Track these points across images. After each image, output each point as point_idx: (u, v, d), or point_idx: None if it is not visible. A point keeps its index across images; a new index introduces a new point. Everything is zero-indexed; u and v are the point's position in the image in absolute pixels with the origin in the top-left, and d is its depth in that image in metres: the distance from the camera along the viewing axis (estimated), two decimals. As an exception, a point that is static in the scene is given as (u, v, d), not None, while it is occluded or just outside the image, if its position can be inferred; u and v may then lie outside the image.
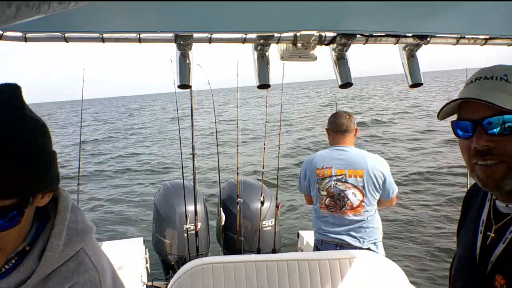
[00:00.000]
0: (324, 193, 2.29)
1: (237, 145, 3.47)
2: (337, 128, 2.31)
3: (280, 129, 3.71)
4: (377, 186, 2.22)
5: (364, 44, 1.44)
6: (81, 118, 3.84)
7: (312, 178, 2.34)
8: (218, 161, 3.66)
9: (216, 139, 3.79)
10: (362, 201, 2.23)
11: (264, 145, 3.57)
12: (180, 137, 3.37)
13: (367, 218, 2.24)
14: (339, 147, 2.30)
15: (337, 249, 2.25)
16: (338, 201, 2.26)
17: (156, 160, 10.63)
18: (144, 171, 9.34)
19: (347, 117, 2.32)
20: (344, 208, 2.25)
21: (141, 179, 8.53)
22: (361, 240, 2.23)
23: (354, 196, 2.23)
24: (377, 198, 2.25)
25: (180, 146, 3.38)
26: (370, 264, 1.72)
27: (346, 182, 2.23)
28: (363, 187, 2.21)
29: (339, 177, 2.25)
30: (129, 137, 17.00)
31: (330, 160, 2.28)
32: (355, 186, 2.22)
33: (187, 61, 1.45)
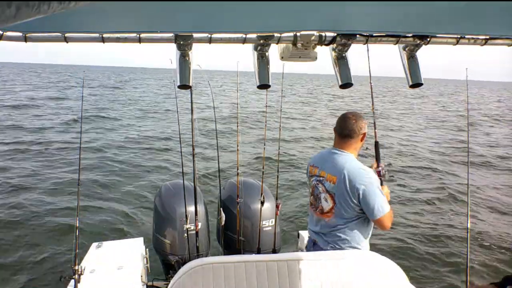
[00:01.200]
0: (310, 190, 2.30)
1: (237, 146, 3.47)
2: (340, 131, 2.19)
3: (280, 129, 3.71)
4: (350, 199, 2.04)
5: (364, 44, 1.44)
6: (81, 122, 3.84)
7: (307, 174, 2.38)
8: (218, 161, 3.66)
9: (216, 139, 3.79)
10: (332, 208, 2.12)
11: (264, 145, 3.58)
12: (180, 137, 3.37)
13: (337, 227, 2.12)
14: (335, 150, 2.20)
15: (314, 246, 2.26)
16: (315, 201, 2.23)
17: (156, 159, 10.62)
18: (144, 171, 9.33)
19: (354, 120, 2.16)
20: (317, 210, 2.22)
21: (141, 179, 8.52)
22: (332, 245, 2.14)
23: (325, 201, 2.15)
24: (354, 211, 2.08)
25: (180, 146, 3.38)
26: (371, 264, 1.72)
27: (323, 185, 2.16)
28: (335, 194, 2.09)
29: (320, 178, 2.19)
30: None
31: (321, 160, 2.25)
32: (328, 191, 2.13)
33: (187, 61, 1.45)
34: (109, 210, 6.57)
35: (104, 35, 1.27)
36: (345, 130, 2.16)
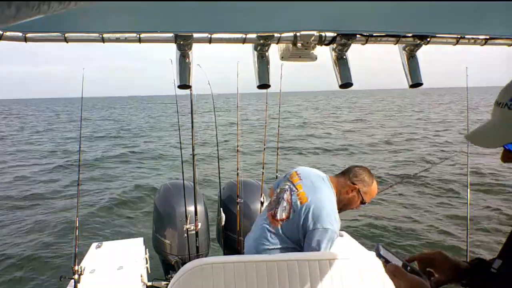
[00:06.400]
0: (278, 190, 2.12)
1: (237, 146, 3.47)
2: (344, 168, 2.10)
3: (278, 129, 3.71)
4: (299, 229, 1.88)
5: (364, 44, 1.44)
6: (81, 119, 3.84)
7: (287, 174, 2.19)
8: (218, 161, 3.67)
9: (216, 139, 3.79)
10: (284, 220, 1.94)
11: (264, 145, 3.58)
12: (180, 137, 3.37)
13: (279, 238, 1.95)
14: (324, 176, 2.07)
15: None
16: (275, 204, 2.05)
17: (157, 160, 10.64)
18: (144, 171, 9.34)
19: (358, 168, 2.05)
20: (271, 210, 2.04)
21: (141, 179, 8.53)
22: (253, 249, 2.03)
23: (283, 211, 1.97)
24: (296, 242, 1.92)
25: (180, 146, 3.38)
26: (371, 264, 1.72)
27: (291, 196, 1.98)
28: (293, 213, 1.92)
29: (294, 188, 2.01)
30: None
31: (306, 174, 2.08)
32: (291, 204, 1.95)
33: (187, 61, 1.45)
34: (109, 210, 6.58)
35: (104, 35, 1.27)
36: (346, 168, 2.07)
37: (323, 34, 1.38)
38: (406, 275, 0.92)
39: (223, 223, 3.22)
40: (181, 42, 1.35)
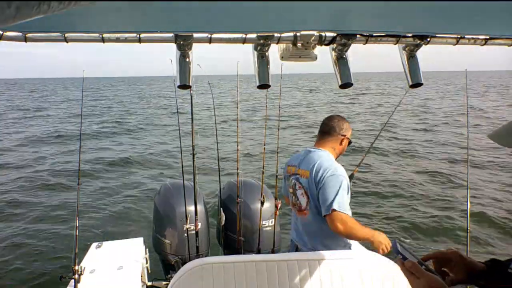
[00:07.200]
0: (291, 190, 2.26)
1: (237, 146, 3.47)
2: (321, 128, 2.23)
3: (278, 129, 3.71)
4: (315, 192, 2.01)
5: (364, 44, 1.44)
6: (81, 119, 3.84)
7: (285, 175, 2.36)
8: (218, 161, 3.67)
9: (216, 139, 3.78)
10: (307, 203, 2.10)
11: (264, 145, 3.58)
12: (180, 137, 3.37)
13: (315, 223, 2.08)
14: (310, 148, 2.21)
15: (296, 249, 2.22)
16: (296, 200, 2.21)
17: (156, 160, 10.63)
18: (144, 171, 9.34)
19: (336, 120, 2.20)
20: (297, 207, 2.20)
21: (141, 178, 8.53)
22: (309, 244, 2.12)
23: (302, 197, 2.13)
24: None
25: (180, 146, 3.38)
26: (370, 264, 1.72)
27: (299, 181, 2.16)
28: (308, 189, 2.08)
29: (297, 175, 2.19)
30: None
31: (297, 159, 2.24)
32: (303, 187, 2.12)
33: (187, 61, 1.45)
34: (109, 210, 6.58)
35: (104, 35, 1.28)
36: (325, 126, 2.21)
37: (323, 34, 1.38)
38: (424, 272, 0.89)
39: (223, 223, 3.22)
40: (181, 42, 1.35)
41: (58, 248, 5.11)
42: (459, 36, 1.45)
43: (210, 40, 1.34)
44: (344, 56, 1.53)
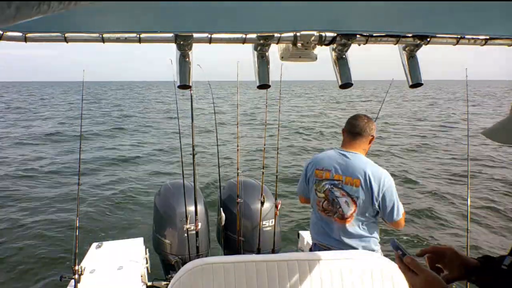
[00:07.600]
0: (322, 195, 2.22)
1: (237, 146, 3.46)
2: (350, 129, 2.20)
3: (278, 129, 3.70)
4: (374, 201, 2.06)
5: (364, 44, 1.44)
6: (81, 120, 3.84)
7: (311, 178, 2.28)
8: (218, 161, 3.66)
9: (216, 138, 3.78)
10: (354, 211, 2.11)
11: (264, 145, 3.57)
12: (180, 137, 3.36)
13: (357, 229, 2.13)
14: (344, 151, 2.18)
15: None
16: (332, 207, 2.18)
17: (156, 160, 10.64)
18: (145, 171, 9.34)
19: (365, 120, 2.19)
20: (335, 215, 2.16)
21: (141, 178, 8.53)
22: (349, 248, 2.14)
23: (346, 205, 2.12)
24: (373, 213, 2.13)
25: (180, 146, 3.38)
26: (371, 264, 1.72)
27: (342, 189, 2.13)
28: (358, 197, 2.08)
29: (335, 182, 2.15)
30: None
31: (331, 163, 2.19)
32: (350, 195, 2.10)
33: (187, 61, 1.45)
34: (109, 210, 6.58)
35: (104, 35, 1.28)
36: (356, 128, 2.18)
37: (323, 34, 1.38)
38: (423, 269, 0.90)
39: (223, 223, 3.22)
40: (181, 42, 1.35)
41: (58, 248, 5.11)
42: (459, 36, 1.45)
43: (210, 40, 1.34)
44: (344, 56, 1.53)
